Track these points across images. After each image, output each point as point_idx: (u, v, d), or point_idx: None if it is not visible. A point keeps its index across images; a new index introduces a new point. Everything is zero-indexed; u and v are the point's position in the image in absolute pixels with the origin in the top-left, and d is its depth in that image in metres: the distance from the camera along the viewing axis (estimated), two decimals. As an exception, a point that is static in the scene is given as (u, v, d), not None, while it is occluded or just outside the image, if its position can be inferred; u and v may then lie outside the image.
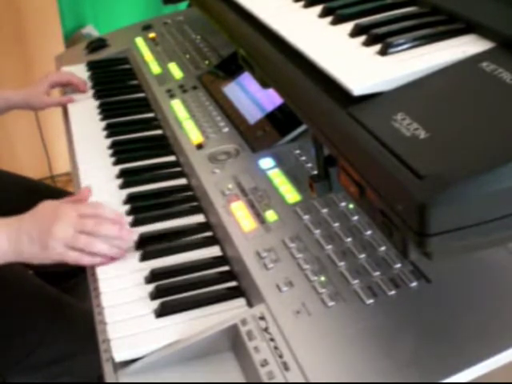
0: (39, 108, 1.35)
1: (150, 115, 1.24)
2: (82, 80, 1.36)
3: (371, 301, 0.68)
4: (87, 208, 0.89)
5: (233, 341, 0.70)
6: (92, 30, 2.26)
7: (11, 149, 2.27)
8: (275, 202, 0.86)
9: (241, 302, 0.76)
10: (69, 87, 1.36)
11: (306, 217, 0.82)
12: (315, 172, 0.71)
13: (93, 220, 0.86)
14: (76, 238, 0.84)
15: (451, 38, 0.60)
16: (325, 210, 0.82)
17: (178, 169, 1.05)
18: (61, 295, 1.18)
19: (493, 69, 0.53)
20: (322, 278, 0.73)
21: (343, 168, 0.56)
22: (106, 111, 1.26)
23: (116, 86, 1.37)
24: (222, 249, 0.85)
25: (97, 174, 1.06)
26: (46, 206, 0.87)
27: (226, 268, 0.82)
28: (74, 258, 0.84)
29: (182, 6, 1.91)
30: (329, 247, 0.76)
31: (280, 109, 1.03)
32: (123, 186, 1.01)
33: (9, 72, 2.11)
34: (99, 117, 1.25)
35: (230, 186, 0.92)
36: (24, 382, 1.12)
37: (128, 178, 1.03)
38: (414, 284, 0.69)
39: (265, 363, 0.64)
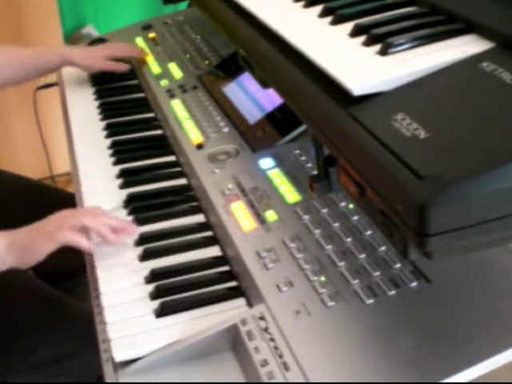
0: (91, 69, 1.34)
1: (150, 115, 1.24)
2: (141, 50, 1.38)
3: (371, 301, 0.68)
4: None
5: (233, 341, 0.70)
6: (92, 30, 2.26)
7: (11, 149, 2.26)
8: (275, 201, 0.86)
9: (241, 301, 0.76)
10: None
11: (306, 217, 0.82)
12: (315, 172, 0.71)
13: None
14: (75, 217, 0.86)
15: (451, 37, 0.60)
16: (325, 210, 0.82)
17: (178, 169, 1.05)
18: (61, 295, 1.18)
19: (493, 69, 0.53)
20: (322, 278, 0.73)
21: (343, 168, 0.56)
22: (106, 111, 1.26)
23: (116, 85, 1.37)
24: (222, 249, 0.85)
25: (97, 174, 1.06)
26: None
27: (226, 268, 0.82)
28: (74, 238, 0.85)
29: (182, 5, 1.91)
30: (329, 247, 0.76)
31: (280, 109, 1.03)
32: (123, 186, 1.01)
33: (9, 72, 2.10)
34: (99, 117, 1.25)
35: (230, 185, 0.92)
36: (24, 382, 1.12)
37: (128, 178, 1.03)
38: (414, 284, 0.69)
39: (265, 363, 0.64)
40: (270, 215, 0.84)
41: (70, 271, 1.39)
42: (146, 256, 0.85)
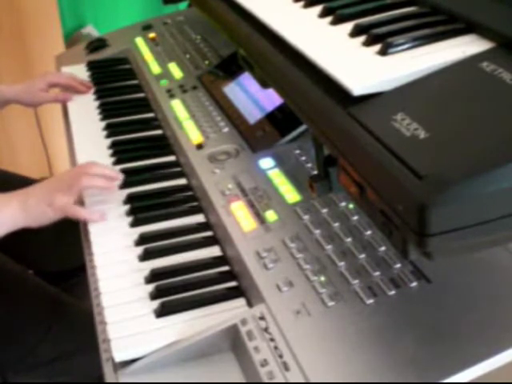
0: (34, 104, 1.34)
1: (150, 115, 1.24)
2: (83, 82, 1.34)
3: (371, 301, 0.68)
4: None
5: (233, 341, 0.70)
6: (92, 30, 2.26)
7: (11, 149, 2.27)
8: (275, 201, 0.86)
9: (241, 302, 0.76)
10: (68, 90, 1.35)
11: (306, 217, 0.82)
12: (315, 172, 0.71)
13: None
14: (78, 180, 0.94)
15: (451, 37, 0.60)
16: (325, 210, 0.82)
17: (178, 169, 1.05)
18: (61, 295, 1.18)
19: (493, 69, 0.53)
20: (322, 278, 0.73)
21: (343, 168, 0.56)
22: (106, 111, 1.26)
23: (116, 85, 1.37)
24: (222, 249, 0.85)
25: (97, 174, 1.05)
26: (50, 178, 0.97)
27: (226, 268, 0.82)
28: (73, 210, 0.93)
29: (182, 5, 1.91)
30: (329, 247, 0.76)
31: (280, 109, 1.03)
32: (123, 186, 1.01)
33: (9, 72, 2.11)
34: (99, 117, 1.25)
35: (230, 186, 0.92)
36: (24, 382, 1.12)
37: (128, 178, 1.03)
38: (414, 284, 0.69)
39: (265, 363, 0.64)
40: (270, 215, 0.84)
41: (70, 271, 1.39)
42: (146, 256, 0.85)
